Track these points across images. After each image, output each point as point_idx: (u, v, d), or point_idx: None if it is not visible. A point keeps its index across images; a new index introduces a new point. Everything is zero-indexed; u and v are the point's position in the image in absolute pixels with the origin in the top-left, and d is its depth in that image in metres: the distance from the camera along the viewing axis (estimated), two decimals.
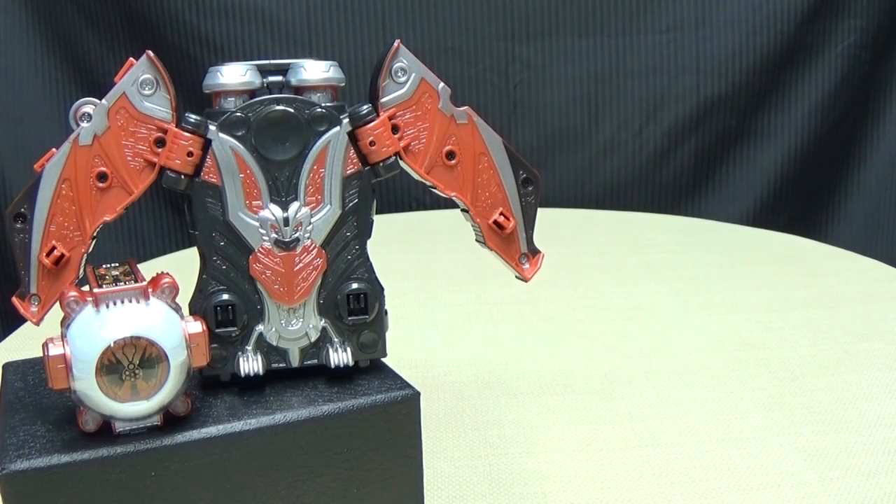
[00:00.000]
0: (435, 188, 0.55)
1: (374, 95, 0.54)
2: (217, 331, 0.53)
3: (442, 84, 0.54)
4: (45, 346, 0.47)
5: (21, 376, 0.56)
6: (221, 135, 0.52)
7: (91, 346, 0.46)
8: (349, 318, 0.54)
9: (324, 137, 0.53)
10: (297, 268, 0.53)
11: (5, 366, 0.58)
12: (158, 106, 0.51)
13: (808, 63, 1.49)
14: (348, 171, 0.53)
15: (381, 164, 0.54)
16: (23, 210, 0.50)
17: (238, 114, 0.52)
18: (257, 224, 0.53)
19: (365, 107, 0.53)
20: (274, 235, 0.53)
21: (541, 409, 0.75)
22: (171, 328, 0.48)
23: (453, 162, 0.55)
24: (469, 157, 0.55)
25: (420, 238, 1.22)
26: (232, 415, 0.51)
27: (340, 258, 0.54)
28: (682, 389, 0.78)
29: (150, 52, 0.51)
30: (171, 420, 0.49)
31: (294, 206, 0.53)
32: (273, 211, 0.53)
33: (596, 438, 0.70)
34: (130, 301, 0.48)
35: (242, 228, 0.53)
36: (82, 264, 0.51)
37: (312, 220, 0.53)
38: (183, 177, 0.52)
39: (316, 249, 0.53)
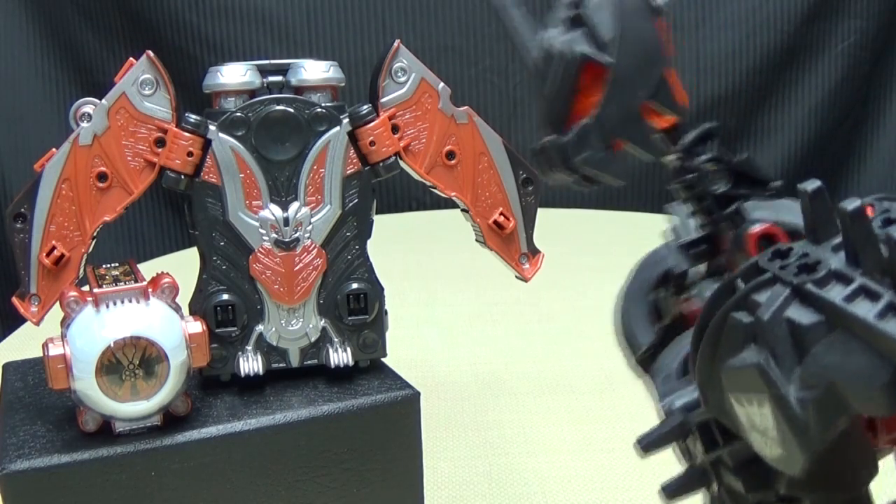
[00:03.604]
0: (435, 188, 0.55)
1: (374, 95, 0.54)
2: (217, 331, 0.53)
3: (442, 84, 0.54)
4: (45, 346, 0.47)
5: (21, 376, 0.56)
6: (221, 135, 0.52)
7: (91, 346, 0.46)
8: (349, 318, 0.54)
9: (324, 137, 0.53)
10: (297, 268, 0.53)
11: (5, 366, 0.58)
12: (158, 106, 0.51)
13: (808, 63, 1.48)
14: (348, 171, 0.53)
15: (381, 164, 0.54)
16: (23, 210, 0.50)
17: (238, 114, 0.52)
18: (257, 224, 0.53)
19: (365, 107, 0.53)
20: (274, 235, 0.53)
21: (541, 409, 0.75)
22: (171, 328, 0.48)
23: (453, 162, 0.55)
24: (469, 157, 0.55)
25: (420, 238, 1.22)
26: (232, 415, 0.51)
27: (340, 258, 0.54)
28: None
29: (150, 53, 0.51)
30: (171, 420, 0.49)
31: (294, 206, 0.53)
32: (273, 211, 0.53)
33: (596, 438, 0.70)
34: (130, 301, 0.48)
35: (242, 228, 0.53)
36: (82, 264, 0.51)
37: (312, 220, 0.53)
38: (183, 177, 0.52)
39: (316, 249, 0.53)
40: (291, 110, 0.52)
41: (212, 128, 0.52)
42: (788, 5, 1.45)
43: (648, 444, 0.33)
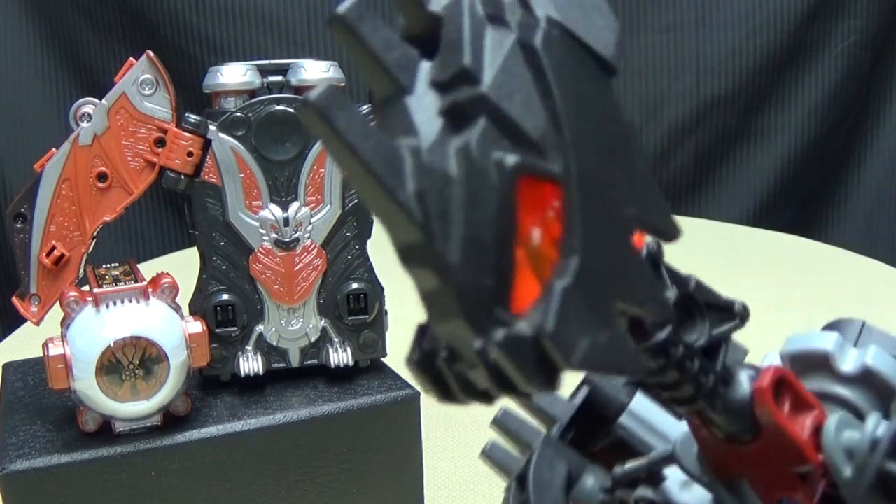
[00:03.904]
0: None
1: (374, 95, 0.54)
2: (217, 331, 0.53)
3: None
4: (45, 346, 0.47)
5: (21, 376, 0.56)
6: (221, 135, 0.52)
7: (91, 346, 0.46)
8: (349, 318, 0.54)
9: None
10: (298, 268, 0.53)
11: (5, 366, 0.58)
12: (158, 106, 0.51)
13: (808, 63, 1.48)
14: None
15: None
16: (23, 210, 0.50)
17: (238, 114, 0.52)
18: (257, 224, 0.53)
19: (365, 107, 0.53)
20: (274, 235, 0.53)
21: None
22: (171, 328, 0.48)
23: None
24: None
25: None
26: (232, 415, 0.51)
27: (340, 258, 0.54)
28: None
29: (150, 52, 0.51)
30: (171, 420, 0.49)
31: (294, 206, 0.53)
32: (273, 211, 0.53)
33: None
34: (130, 301, 0.48)
35: (242, 228, 0.53)
36: (82, 264, 0.51)
37: (312, 220, 0.53)
38: (183, 177, 0.52)
39: (316, 249, 0.53)
40: (291, 110, 0.52)
41: (212, 128, 0.52)
42: (788, 5, 1.45)
43: None
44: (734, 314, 0.26)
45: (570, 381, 0.37)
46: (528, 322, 0.18)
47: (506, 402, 0.43)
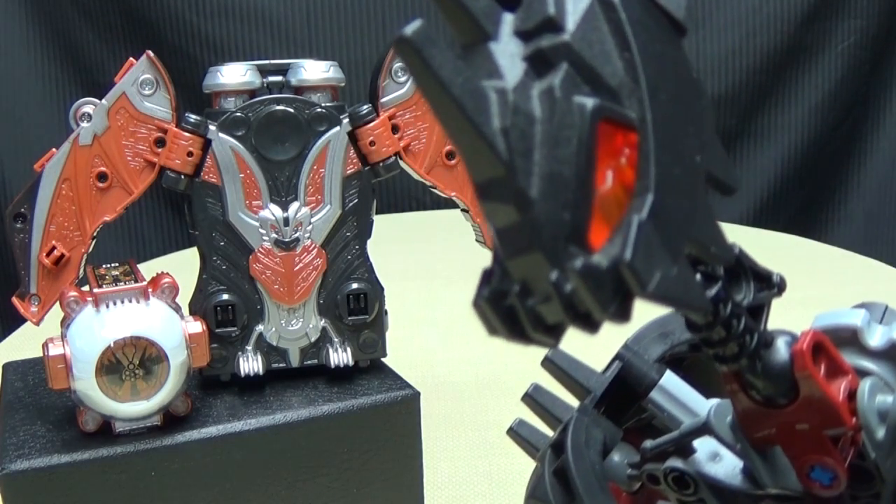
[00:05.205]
0: (435, 188, 0.55)
1: (374, 95, 0.54)
2: (217, 331, 0.53)
3: None
4: (45, 346, 0.47)
5: (21, 376, 0.56)
6: (221, 135, 0.52)
7: (91, 346, 0.46)
8: (349, 318, 0.54)
9: (324, 137, 0.53)
10: (297, 268, 0.53)
11: (5, 366, 0.58)
12: (158, 106, 0.51)
13: (808, 63, 1.48)
14: (348, 171, 0.53)
15: (381, 164, 0.54)
16: (23, 210, 0.50)
17: (238, 114, 0.52)
18: (257, 224, 0.53)
19: (365, 107, 0.53)
20: (274, 235, 0.53)
21: None
22: (171, 328, 0.48)
23: (453, 162, 0.55)
24: None
25: (420, 238, 1.22)
26: (232, 415, 0.51)
27: (340, 258, 0.54)
28: None
29: (150, 52, 0.51)
30: (171, 420, 0.49)
31: (294, 206, 0.53)
32: (273, 211, 0.53)
33: None
34: (130, 301, 0.48)
35: (242, 228, 0.53)
36: (82, 264, 0.51)
37: (312, 220, 0.53)
38: (183, 177, 0.52)
39: (316, 249, 0.53)
40: (291, 110, 0.52)
41: (212, 128, 0.52)
42: (788, 5, 1.45)
43: None
44: (772, 284, 0.28)
45: (604, 354, 0.37)
46: (604, 254, 0.19)
47: (538, 377, 0.43)
